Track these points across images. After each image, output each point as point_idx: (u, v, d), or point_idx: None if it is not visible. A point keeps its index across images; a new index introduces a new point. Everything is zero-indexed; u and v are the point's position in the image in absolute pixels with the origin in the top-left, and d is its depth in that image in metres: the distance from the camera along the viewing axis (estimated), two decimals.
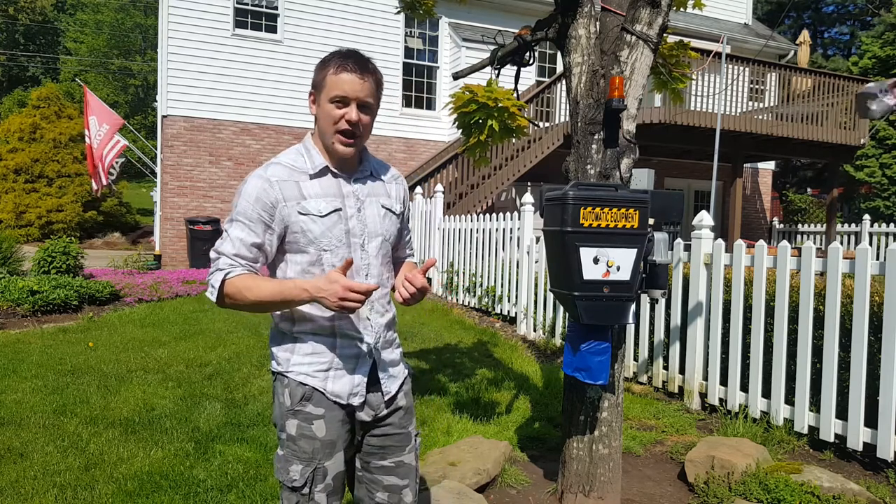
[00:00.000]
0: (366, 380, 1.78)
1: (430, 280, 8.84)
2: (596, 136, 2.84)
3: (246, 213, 1.67)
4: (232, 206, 1.72)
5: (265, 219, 1.67)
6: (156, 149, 12.57)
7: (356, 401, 1.76)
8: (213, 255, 1.71)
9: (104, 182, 11.93)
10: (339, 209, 1.72)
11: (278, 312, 1.76)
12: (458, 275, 8.29)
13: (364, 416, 1.79)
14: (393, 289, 1.88)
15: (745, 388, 4.19)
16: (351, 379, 1.76)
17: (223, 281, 1.66)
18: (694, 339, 4.54)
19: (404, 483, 1.86)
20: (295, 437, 1.73)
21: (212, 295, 1.69)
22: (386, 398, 1.82)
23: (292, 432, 1.73)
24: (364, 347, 1.77)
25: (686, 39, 4.10)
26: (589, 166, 2.86)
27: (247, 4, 12.07)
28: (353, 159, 1.75)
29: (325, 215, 1.69)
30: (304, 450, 1.72)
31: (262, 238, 1.68)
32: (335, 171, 1.74)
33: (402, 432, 1.86)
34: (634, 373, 5.10)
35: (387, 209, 1.81)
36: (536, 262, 6.55)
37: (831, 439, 3.66)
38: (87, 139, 11.88)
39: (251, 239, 1.68)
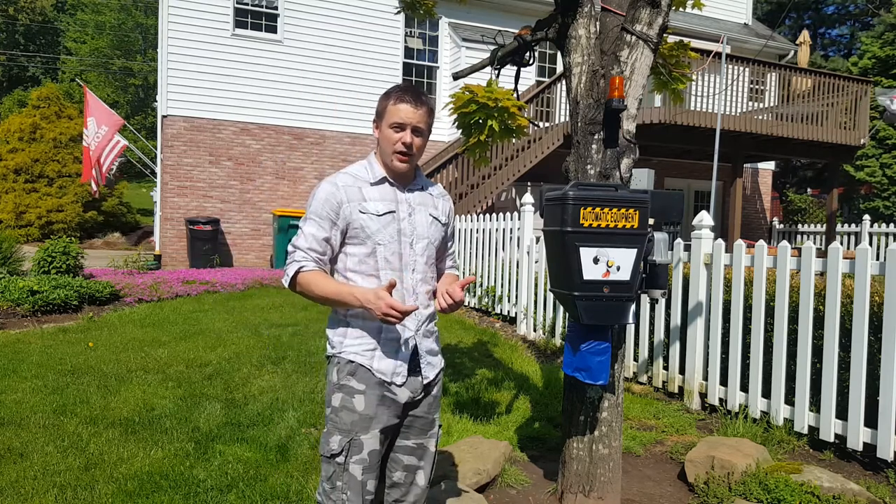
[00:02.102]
0: (408, 361, 2.02)
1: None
2: (596, 136, 2.84)
3: (317, 212, 1.98)
4: (306, 207, 2.02)
5: (332, 216, 1.98)
6: (156, 149, 12.56)
7: (398, 380, 2.00)
8: (290, 248, 2.00)
9: (102, 183, 11.92)
10: (394, 211, 2.01)
11: None
12: None
13: (404, 396, 2.01)
14: (434, 293, 2.13)
15: (745, 388, 4.19)
16: (395, 359, 2.00)
17: (297, 272, 1.97)
18: (694, 339, 4.54)
19: (420, 465, 2.10)
20: (337, 409, 1.98)
21: (286, 281, 2.00)
22: (424, 382, 2.06)
23: (336, 404, 1.99)
24: (407, 333, 2.02)
25: (686, 39, 4.10)
26: (589, 166, 2.86)
27: (247, 4, 12.07)
28: (408, 174, 2.06)
29: (382, 215, 1.99)
30: (343, 421, 1.97)
31: (329, 233, 1.99)
32: (392, 181, 2.04)
33: (429, 417, 2.10)
34: (634, 373, 5.10)
35: (434, 218, 2.10)
36: (536, 262, 6.55)
37: (831, 439, 3.66)
38: (84, 140, 11.86)
39: (321, 234, 1.98)
